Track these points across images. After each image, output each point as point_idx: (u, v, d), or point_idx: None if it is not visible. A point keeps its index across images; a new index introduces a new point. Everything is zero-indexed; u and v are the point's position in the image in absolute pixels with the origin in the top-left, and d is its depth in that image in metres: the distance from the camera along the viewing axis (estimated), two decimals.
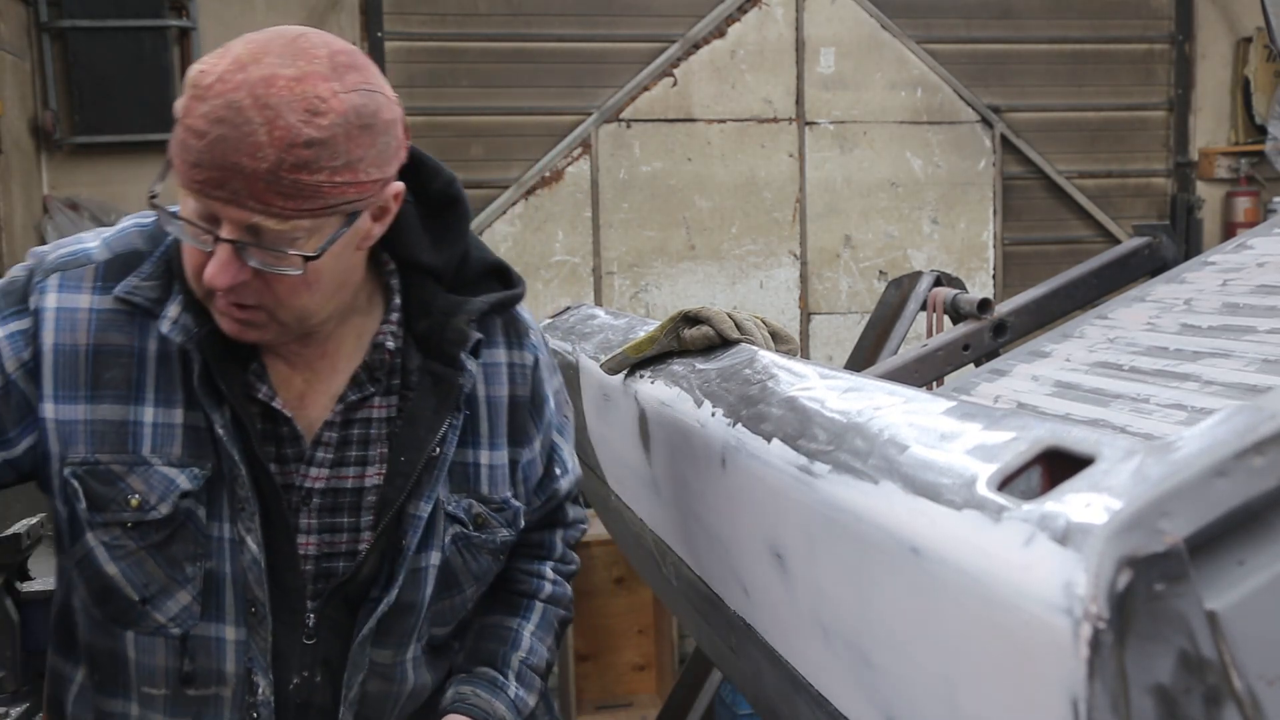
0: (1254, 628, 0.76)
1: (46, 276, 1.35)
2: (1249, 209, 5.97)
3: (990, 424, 0.99)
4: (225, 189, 1.17)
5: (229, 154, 1.16)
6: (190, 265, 1.27)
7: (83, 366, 1.32)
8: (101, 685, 1.40)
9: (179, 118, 1.19)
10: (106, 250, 1.37)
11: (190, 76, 1.19)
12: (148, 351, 1.33)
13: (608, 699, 5.14)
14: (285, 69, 1.17)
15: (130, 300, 1.33)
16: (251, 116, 1.15)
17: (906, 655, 1.00)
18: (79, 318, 1.33)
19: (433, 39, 5.37)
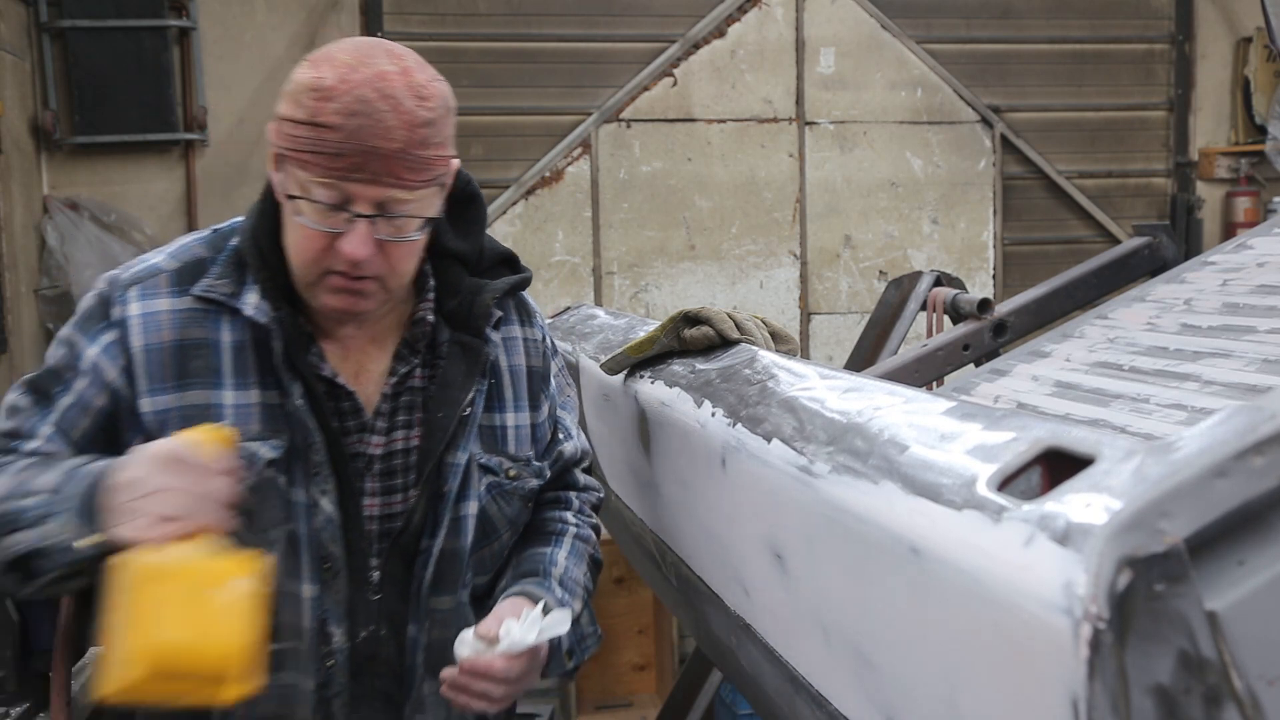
0: (1254, 628, 0.76)
1: (126, 290, 1.51)
2: (1249, 209, 5.96)
3: (990, 424, 0.99)
4: (365, 170, 1.37)
5: (366, 139, 1.36)
6: (311, 250, 1.43)
7: (170, 360, 1.48)
8: None
9: (304, 120, 1.38)
10: (174, 261, 1.54)
11: (305, 84, 1.38)
12: (223, 342, 1.50)
13: (608, 699, 5.14)
14: (389, 66, 1.39)
15: (206, 297, 1.50)
16: (379, 106, 1.37)
17: (906, 655, 1.00)
18: (161, 319, 1.49)
19: (433, 39, 5.37)
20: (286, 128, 1.40)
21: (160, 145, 5.23)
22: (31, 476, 1.40)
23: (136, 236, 5.11)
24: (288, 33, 5.34)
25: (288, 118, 1.40)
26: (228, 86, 5.30)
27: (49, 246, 4.98)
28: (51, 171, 5.15)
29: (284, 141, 1.41)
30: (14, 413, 1.49)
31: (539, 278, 5.51)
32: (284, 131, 1.40)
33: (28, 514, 1.35)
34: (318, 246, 1.43)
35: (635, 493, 2.00)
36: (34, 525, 1.34)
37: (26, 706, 1.94)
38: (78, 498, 1.34)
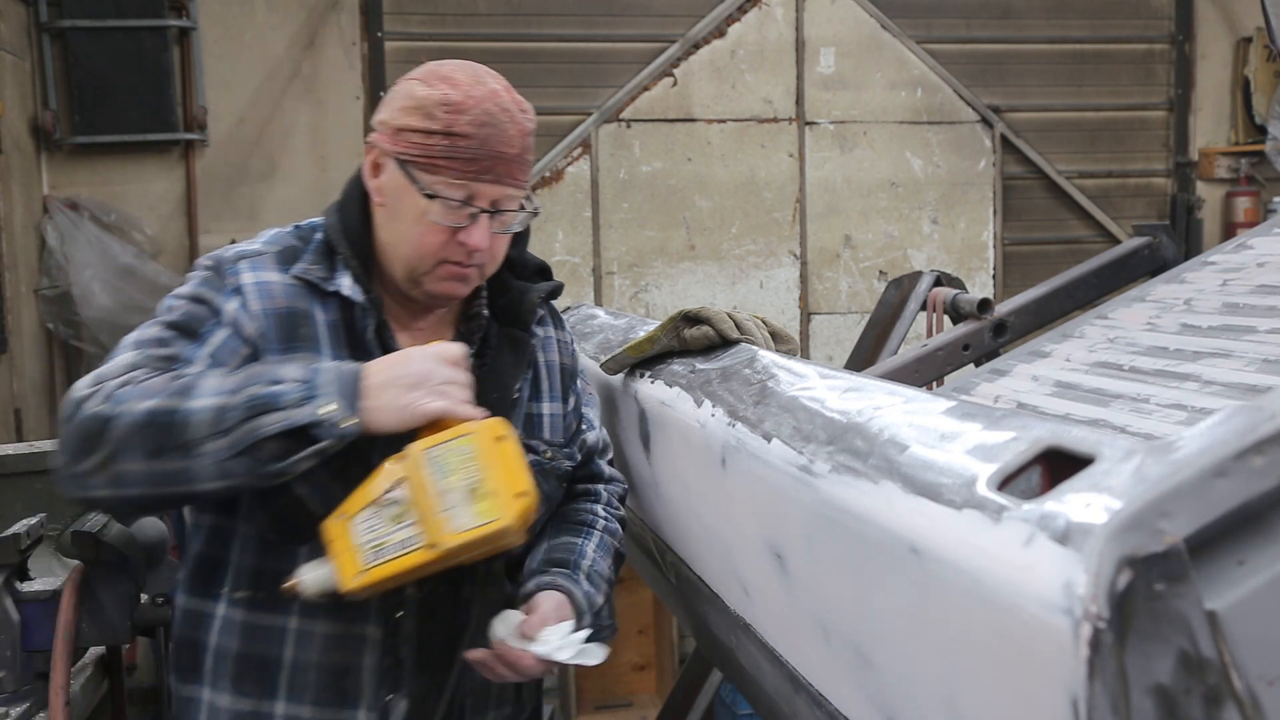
0: (1254, 628, 0.76)
1: (236, 263, 1.67)
2: (1249, 209, 5.96)
3: (990, 424, 0.99)
4: (492, 172, 1.63)
5: (494, 146, 1.63)
6: (433, 243, 1.64)
7: (283, 325, 1.65)
8: (263, 604, 1.65)
9: (440, 130, 1.61)
10: (271, 245, 1.71)
11: (435, 99, 1.62)
12: (318, 319, 1.67)
13: (608, 699, 5.14)
14: (495, 84, 1.68)
15: (304, 278, 1.67)
16: (501, 118, 1.64)
17: (906, 655, 1.00)
18: (274, 288, 1.66)
19: (433, 39, 5.37)
20: (417, 138, 1.62)
21: (160, 145, 5.22)
22: (257, 371, 1.53)
23: (136, 236, 5.11)
24: (288, 33, 5.34)
25: (419, 129, 1.62)
26: (228, 86, 5.30)
27: (49, 246, 4.98)
28: (51, 171, 5.15)
29: (414, 150, 1.62)
30: (162, 343, 1.59)
31: None
32: (413, 141, 1.62)
33: (284, 397, 1.48)
34: (439, 239, 1.64)
35: (635, 493, 2.00)
36: (295, 406, 1.47)
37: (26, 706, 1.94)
38: (336, 385, 1.51)
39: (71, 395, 1.51)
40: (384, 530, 1.50)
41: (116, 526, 1.98)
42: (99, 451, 1.47)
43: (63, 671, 1.83)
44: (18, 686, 1.94)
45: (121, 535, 1.97)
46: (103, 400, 1.48)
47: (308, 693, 1.66)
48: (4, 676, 1.92)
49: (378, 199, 1.69)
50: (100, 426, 1.47)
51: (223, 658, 1.68)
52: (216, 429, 1.47)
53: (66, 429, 1.50)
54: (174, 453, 1.47)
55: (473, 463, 1.51)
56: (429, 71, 1.67)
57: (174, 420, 1.47)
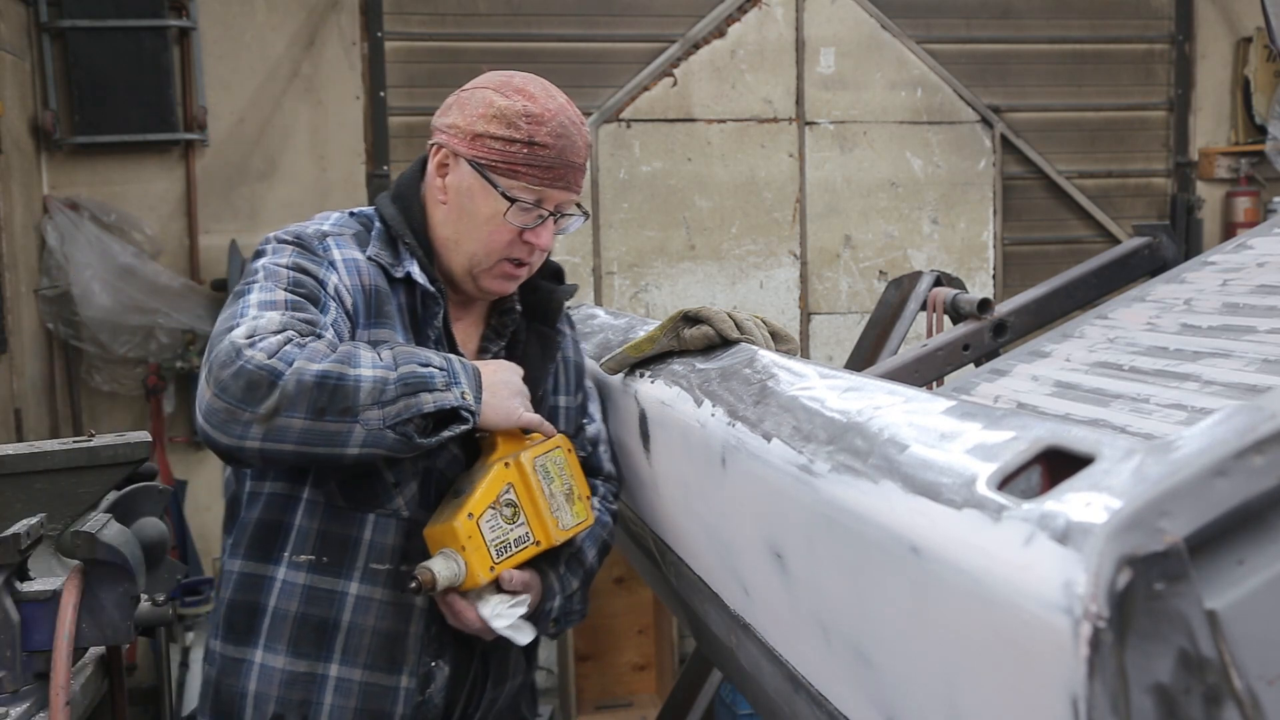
0: (1254, 627, 0.76)
1: (323, 240, 1.78)
2: (1249, 209, 5.95)
3: (990, 424, 0.99)
4: (564, 180, 1.79)
5: (569, 155, 1.79)
6: (501, 241, 1.79)
7: (370, 301, 1.77)
8: (326, 568, 1.77)
9: (522, 139, 1.75)
10: (344, 228, 1.83)
11: (516, 110, 1.75)
12: (391, 299, 1.79)
13: (608, 699, 5.15)
14: (562, 98, 1.82)
15: (377, 260, 1.80)
16: (572, 130, 1.79)
17: (906, 655, 1.00)
18: (361, 266, 1.78)
19: (433, 39, 5.37)
20: (498, 145, 1.75)
21: (160, 145, 5.22)
22: (405, 351, 1.65)
23: (136, 236, 5.10)
24: (288, 33, 5.34)
25: (500, 136, 1.75)
26: (228, 86, 5.30)
27: (49, 246, 4.98)
28: (51, 171, 5.14)
29: (493, 155, 1.76)
30: (297, 307, 1.67)
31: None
32: (493, 147, 1.76)
33: (435, 379, 1.63)
34: (507, 238, 1.79)
35: (635, 493, 2.00)
36: (444, 390, 1.63)
37: (26, 706, 1.94)
38: (467, 376, 1.68)
39: (230, 341, 1.58)
40: (503, 529, 1.71)
41: (116, 526, 1.98)
42: (266, 402, 1.56)
43: (63, 671, 1.83)
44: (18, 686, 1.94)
45: (121, 535, 1.97)
46: (270, 355, 1.57)
47: (361, 655, 1.77)
48: (4, 676, 1.92)
49: (441, 196, 1.82)
50: (270, 378, 1.55)
51: (281, 619, 1.78)
52: (378, 399, 1.59)
53: (225, 374, 1.56)
54: (336, 415, 1.59)
55: (565, 471, 1.80)
56: (501, 82, 1.80)
57: (343, 385, 1.58)
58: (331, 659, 1.77)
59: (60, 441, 2.54)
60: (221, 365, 1.57)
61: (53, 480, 2.39)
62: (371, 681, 1.78)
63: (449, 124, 1.82)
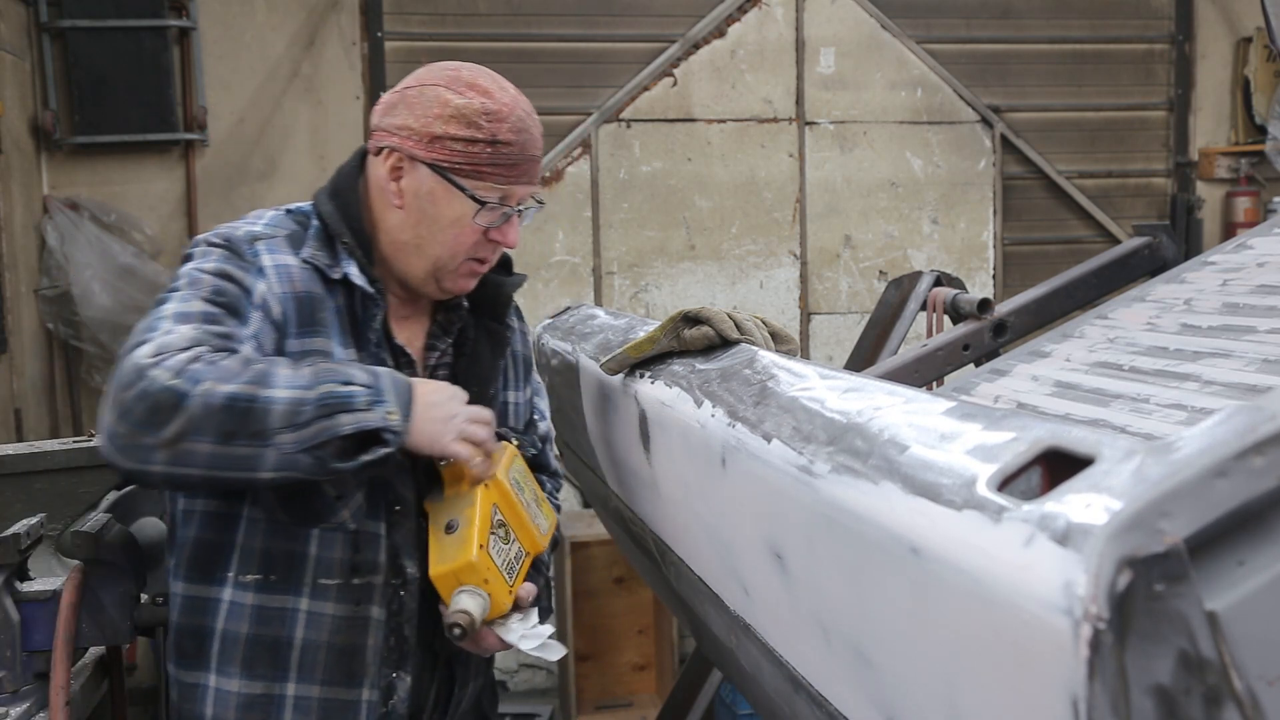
0: (1254, 628, 0.76)
1: (252, 244, 1.69)
2: (1249, 209, 5.95)
3: (990, 424, 0.99)
4: (526, 174, 1.75)
5: (530, 150, 1.75)
6: (468, 242, 1.74)
7: (302, 308, 1.68)
8: (274, 586, 1.71)
9: (485, 139, 1.69)
10: (278, 228, 1.74)
11: (475, 109, 1.69)
12: (327, 303, 1.71)
13: (608, 699, 5.14)
14: (512, 89, 1.77)
15: (312, 262, 1.71)
16: (530, 123, 1.75)
17: (906, 655, 1.00)
18: (293, 272, 1.70)
19: (433, 39, 5.37)
20: (459, 146, 1.69)
21: (160, 145, 5.22)
22: (326, 369, 1.57)
23: (136, 236, 5.10)
24: (288, 33, 5.34)
25: (462, 137, 1.69)
26: (228, 86, 5.30)
27: (49, 246, 4.98)
28: (51, 171, 5.14)
29: (456, 157, 1.69)
30: (213, 319, 1.59)
31: (539, 278, 5.50)
32: (455, 149, 1.69)
33: (357, 399, 1.53)
34: (473, 239, 1.75)
35: (635, 493, 2.00)
36: (366, 410, 1.53)
37: (26, 706, 1.94)
38: (396, 395, 1.57)
39: (133, 360, 1.49)
40: (503, 550, 1.70)
41: (117, 526, 1.98)
42: (169, 426, 1.47)
43: (63, 671, 1.83)
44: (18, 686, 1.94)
45: (121, 535, 1.97)
46: (175, 374, 1.47)
47: (317, 672, 1.71)
48: (4, 676, 1.92)
49: (396, 201, 1.74)
50: (174, 401, 1.46)
51: (232, 642, 1.71)
52: (291, 421, 1.50)
53: (128, 396, 1.47)
54: (246, 439, 1.49)
55: (526, 476, 1.79)
56: (450, 77, 1.73)
57: (253, 407, 1.49)
58: (287, 678, 1.71)
59: (60, 441, 2.54)
60: (124, 386, 1.48)
61: (53, 480, 2.40)
62: (331, 697, 1.72)
63: (399, 125, 1.72)
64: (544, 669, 5.55)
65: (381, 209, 1.77)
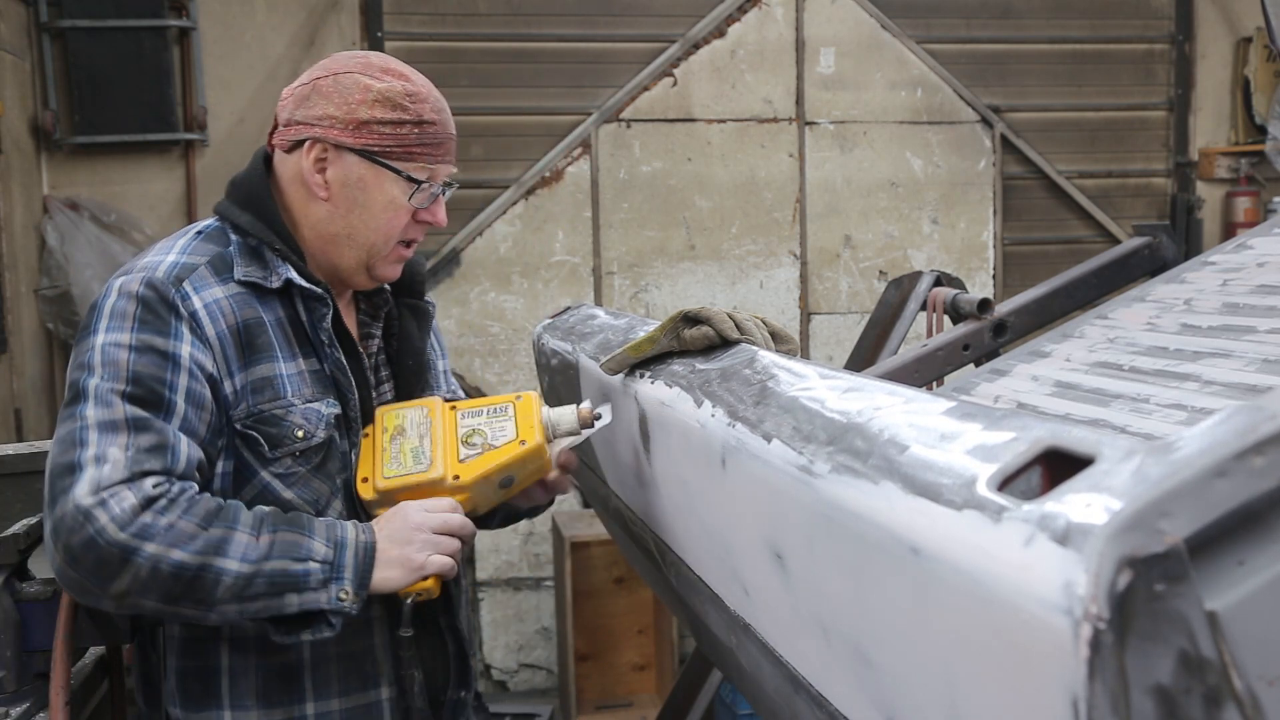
0: (1254, 628, 0.76)
1: (179, 285, 1.64)
2: (1249, 209, 5.95)
3: (990, 424, 0.99)
4: (450, 153, 1.76)
5: (450, 128, 1.76)
6: (397, 226, 1.74)
7: (239, 342, 1.65)
8: None
9: (411, 120, 1.69)
10: (198, 255, 1.70)
11: (398, 91, 1.69)
12: (267, 320, 1.69)
13: (608, 699, 5.14)
14: (420, 73, 1.76)
15: (248, 280, 1.68)
16: (444, 104, 1.77)
17: (906, 655, 1.00)
18: (223, 305, 1.66)
19: (433, 39, 5.37)
20: (387, 129, 1.69)
21: (160, 145, 5.22)
22: (288, 541, 1.57)
23: (136, 236, 5.10)
24: (288, 33, 5.34)
25: (389, 120, 1.68)
26: (228, 86, 5.30)
27: (49, 246, 4.98)
28: (51, 171, 5.14)
29: (387, 141, 1.69)
30: (139, 428, 1.54)
31: (538, 278, 5.51)
32: (384, 133, 1.69)
33: (310, 579, 1.55)
34: (403, 222, 1.74)
35: (635, 493, 2.00)
36: (317, 589, 1.56)
37: (26, 706, 1.94)
38: (356, 564, 1.59)
39: (75, 504, 1.47)
40: (484, 430, 1.79)
41: None
42: (116, 582, 1.49)
43: (63, 671, 1.83)
44: (18, 686, 1.94)
45: None
46: (122, 527, 1.47)
47: (333, 685, 1.71)
48: (4, 676, 1.92)
49: (322, 193, 1.72)
50: (120, 558, 1.47)
51: (241, 674, 1.69)
52: (239, 595, 1.52)
53: (74, 542, 1.47)
54: (191, 604, 1.53)
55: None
56: (364, 64, 1.73)
57: (202, 579, 1.51)
58: (305, 699, 1.70)
59: None
60: (70, 531, 1.47)
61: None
62: (352, 706, 1.73)
63: (319, 115, 1.69)
64: (544, 669, 5.56)
65: (302, 205, 1.75)
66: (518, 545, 5.60)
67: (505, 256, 5.45)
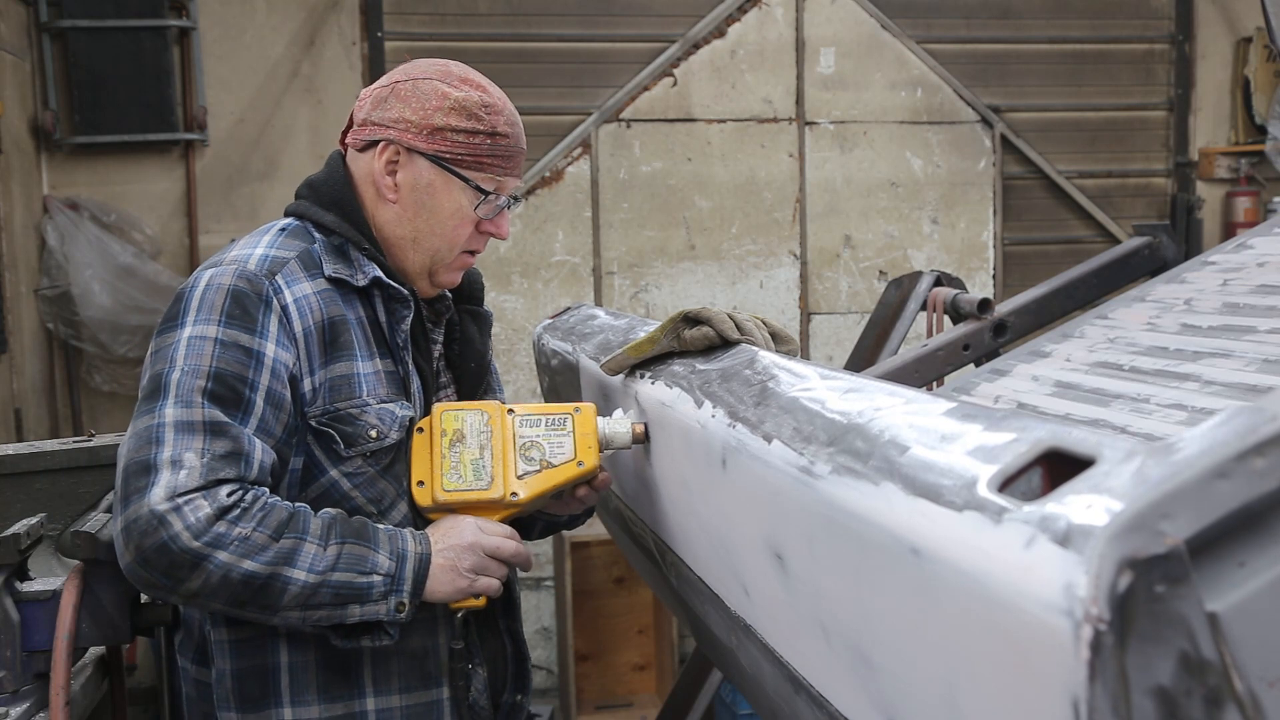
0: (1255, 629, 0.76)
1: (271, 278, 1.66)
2: (1249, 209, 5.95)
3: (991, 425, 0.98)
4: (519, 167, 1.80)
5: (521, 143, 1.78)
6: (463, 234, 1.77)
7: (323, 339, 1.67)
8: None
9: (486, 131, 1.72)
10: (288, 250, 1.71)
11: (475, 101, 1.71)
12: (350, 318, 1.70)
13: (608, 699, 5.14)
14: (496, 85, 1.78)
15: (337, 277, 1.70)
16: (518, 119, 1.79)
17: (906, 656, 1.00)
18: (311, 301, 1.68)
19: (433, 39, 5.36)
20: (461, 138, 1.71)
21: (160, 145, 5.22)
22: (354, 555, 1.59)
23: (136, 236, 5.10)
24: (288, 33, 5.34)
25: (463, 129, 1.71)
26: (228, 86, 5.30)
27: (49, 246, 4.98)
28: (51, 171, 5.14)
29: (459, 149, 1.71)
30: (217, 433, 1.55)
31: (539, 278, 5.51)
32: (458, 141, 1.71)
33: (373, 590, 1.59)
34: (468, 230, 1.77)
35: (635, 493, 1.99)
36: (378, 601, 1.59)
37: (26, 706, 1.94)
38: (413, 577, 1.62)
39: (149, 506, 1.49)
40: (542, 444, 1.78)
41: None
42: (186, 584, 1.51)
43: (63, 671, 1.83)
44: (18, 686, 1.94)
45: None
46: (196, 536, 1.49)
47: (394, 681, 1.72)
48: (4, 676, 1.92)
49: (391, 195, 1.75)
50: (194, 563, 1.49)
51: (301, 670, 1.69)
52: (304, 604, 1.56)
53: (146, 545, 1.48)
54: (257, 609, 1.56)
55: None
56: (443, 72, 1.75)
57: (270, 587, 1.54)
58: (365, 694, 1.70)
59: (60, 441, 2.54)
60: (142, 533, 1.49)
61: (53, 480, 2.40)
62: (413, 704, 1.73)
63: (395, 118, 1.72)
64: (544, 669, 5.55)
65: (374, 205, 1.77)
66: None
67: (505, 256, 5.45)
